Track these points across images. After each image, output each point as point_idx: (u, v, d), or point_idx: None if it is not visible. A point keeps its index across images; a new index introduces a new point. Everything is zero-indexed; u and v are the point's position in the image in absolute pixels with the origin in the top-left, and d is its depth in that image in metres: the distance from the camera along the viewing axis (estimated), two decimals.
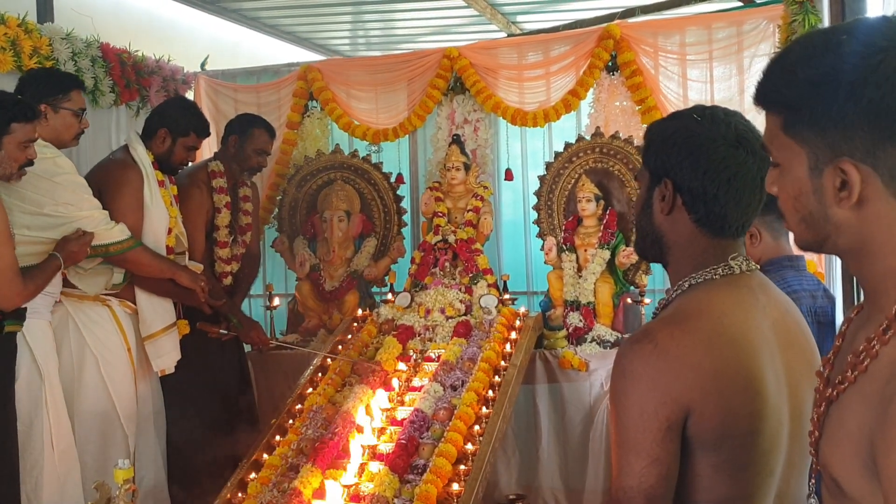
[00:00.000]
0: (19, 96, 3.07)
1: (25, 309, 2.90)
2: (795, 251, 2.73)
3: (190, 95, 4.90)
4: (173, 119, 3.55)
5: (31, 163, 2.85)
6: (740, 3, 4.71)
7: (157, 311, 3.47)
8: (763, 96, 1.06)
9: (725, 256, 1.46)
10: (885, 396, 0.90)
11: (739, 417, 1.33)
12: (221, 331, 3.73)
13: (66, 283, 3.21)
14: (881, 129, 0.94)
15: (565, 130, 4.66)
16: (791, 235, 1.41)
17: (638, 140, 4.24)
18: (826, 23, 3.83)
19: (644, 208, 1.53)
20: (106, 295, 3.35)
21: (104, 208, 3.23)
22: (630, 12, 4.67)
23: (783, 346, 1.41)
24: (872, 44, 0.95)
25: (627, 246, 4.11)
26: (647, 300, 4.05)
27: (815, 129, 0.98)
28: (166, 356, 3.49)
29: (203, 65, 5.13)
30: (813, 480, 1.09)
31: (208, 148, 4.01)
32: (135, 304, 3.43)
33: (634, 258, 4.09)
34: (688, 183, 1.45)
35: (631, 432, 1.33)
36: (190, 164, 3.75)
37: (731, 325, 1.37)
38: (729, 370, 1.34)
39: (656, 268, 4.27)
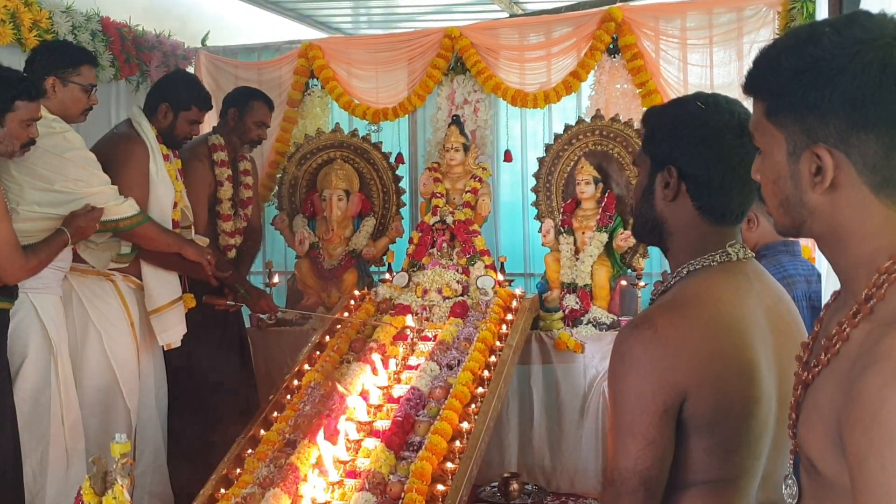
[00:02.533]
0: (34, 71, 3.07)
1: (16, 286, 2.89)
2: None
3: (190, 71, 4.89)
4: (174, 93, 3.54)
5: (32, 141, 2.83)
6: None
7: (162, 285, 3.48)
8: (750, 84, 1.10)
9: (724, 243, 1.48)
10: (850, 377, 0.93)
11: (734, 402, 1.36)
12: (228, 302, 3.76)
13: (76, 257, 3.22)
14: (855, 116, 0.98)
15: (565, 112, 4.67)
16: None
17: (638, 123, 4.25)
18: (824, 10, 3.83)
19: (645, 194, 1.54)
20: (111, 269, 3.36)
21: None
22: None
23: (775, 333, 1.44)
24: (852, 36, 0.99)
25: (625, 229, 4.13)
26: (643, 283, 4.08)
27: (794, 115, 1.03)
28: (172, 330, 3.51)
29: (204, 41, 5.12)
30: (791, 461, 1.13)
31: (208, 122, 4.02)
32: (140, 279, 3.44)
33: (632, 241, 4.11)
34: (694, 171, 1.47)
35: (628, 415, 1.36)
36: (192, 137, 3.75)
37: (728, 312, 1.40)
38: (725, 356, 1.38)
39: (653, 251, 4.30)
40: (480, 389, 3.25)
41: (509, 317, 3.80)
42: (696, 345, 1.36)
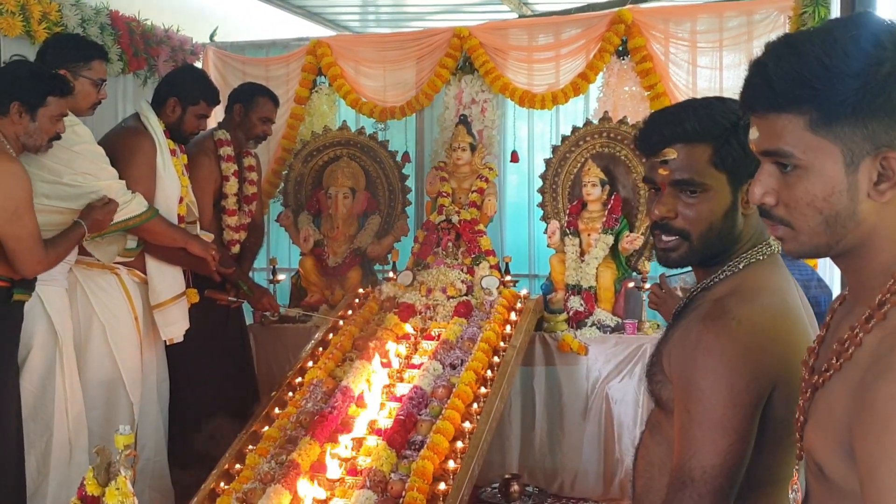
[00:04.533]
0: (45, 63, 3.09)
1: (35, 279, 2.92)
2: None
3: (198, 66, 4.89)
4: (183, 88, 3.54)
5: (58, 136, 2.89)
6: None
7: (166, 280, 3.49)
8: (773, 97, 0.99)
9: (763, 230, 1.45)
10: (863, 383, 0.93)
11: None
12: (230, 298, 3.76)
13: (81, 250, 3.22)
14: None
15: (573, 114, 4.66)
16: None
17: None
18: (835, 14, 3.82)
19: (728, 214, 1.44)
20: (116, 263, 3.37)
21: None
22: None
23: (810, 323, 1.45)
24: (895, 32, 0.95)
25: (631, 231, 4.12)
26: (648, 286, 4.07)
27: (852, 122, 0.95)
28: (175, 325, 3.51)
29: (212, 36, 5.12)
30: (797, 466, 1.12)
31: (214, 117, 4.02)
32: (144, 273, 3.45)
33: (638, 244, 4.10)
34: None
35: (719, 409, 1.29)
36: (200, 132, 3.76)
37: (791, 301, 1.39)
38: (801, 345, 1.33)
39: None
40: (483, 389, 3.25)
41: (513, 317, 3.79)
42: (778, 335, 1.33)
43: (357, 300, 4.13)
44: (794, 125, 0.98)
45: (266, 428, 3.24)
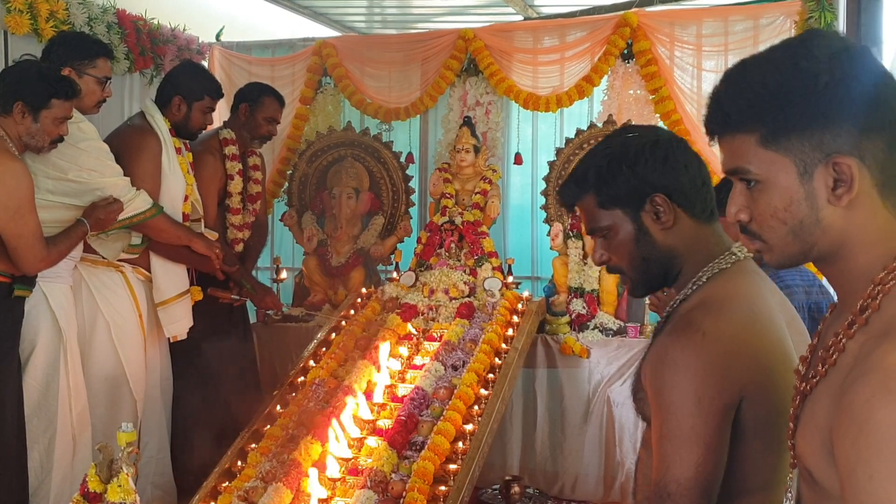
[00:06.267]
0: (50, 61, 3.10)
1: (35, 275, 2.93)
2: None
3: (204, 66, 4.91)
4: (186, 85, 3.56)
5: (61, 139, 2.90)
6: None
7: (170, 277, 3.50)
8: (727, 121, 1.06)
9: (722, 241, 1.51)
10: (843, 386, 0.94)
11: (787, 397, 1.33)
12: (233, 296, 3.77)
13: (86, 247, 3.24)
14: (863, 120, 0.98)
15: (577, 117, 4.66)
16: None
17: None
18: (842, 19, 3.83)
19: (639, 240, 1.52)
20: (120, 261, 3.38)
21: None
22: (648, 1, 4.66)
23: (789, 328, 1.46)
24: (831, 46, 1.00)
25: None
26: None
27: (801, 134, 1.00)
28: (179, 322, 3.52)
29: (218, 36, 5.13)
30: (791, 474, 1.12)
31: (219, 117, 4.04)
32: (148, 270, 3.46)
33: None
34: (676, 185, 1.49)
35: (687, 422, 1.32)
36: (207, 128, 3.77)
37: (761, 308, 1.42)
38: (772, 352, 1.39)
39: None
40: (484, 391, 3.25)
41: (515, 319, 3.80)
42: (746, 343, 1.36)
43: (360, 300, 4.14)
44: (748, 143, 1.04)
45: (268, 426, 3.25)
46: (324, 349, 3.75)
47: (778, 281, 2.74)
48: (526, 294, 4.07)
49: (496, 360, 3.46)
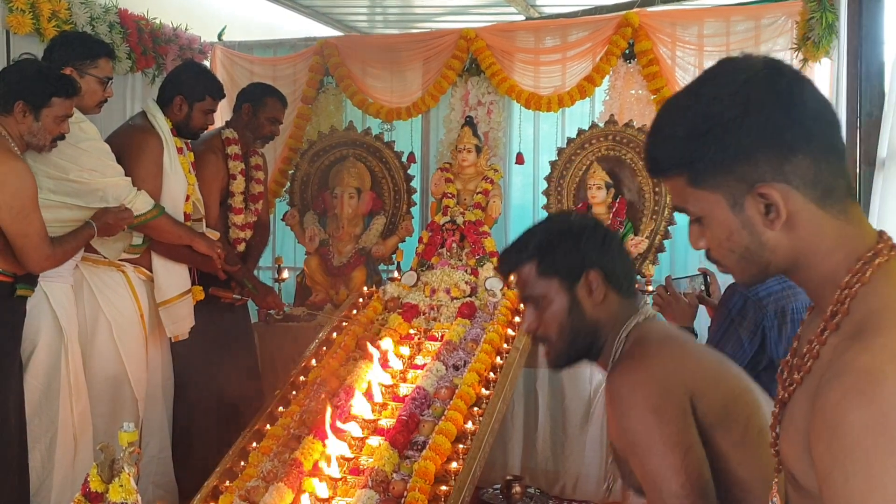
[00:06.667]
0: (52, 61, 3.10)
1: (38, 275, 2.93)
2: None
3: (206, 65, 4.91)
4: (187, 85, 3.56)
5: (62, 137, 2.90)
6: None
7: (172, 277, 3.50)
8: (658, 167, 1.10)
9: (637, 307, 1.68)
10: (816, 391, 0.95)
11: (738, 397, 1.49)
12: (235, 295, 3.77)
13: (88, 247, 3.24)
14: (778, 146, 1.00)
15: (578, 116, 4.66)
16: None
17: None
18: (843, 19, 3.82)
19: (572, 312, 1.65)
20: (122, 261, 3.38)
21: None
22: (649, 1, 4.66)
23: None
24: (735, 79, 1.02)
25: (635, 235, 4.12)
26: (651, 289, 4.07)
27: (722, 171, 1.03)
28: (180, 322, 3.53)
29: (220, 35, 5.14)
30: (775, 479, 1.14)
31: (220, 116, 4.04)
32: (150, 270, 3.46)
33: (642, 247, 4.10)
34: (611, 265, 1.66)
35: (656, 435, 1.41)
36: (208, 128, 3.77)
37: (678, 332, 1.66)
38: (714, 362, 1.56)
39: (663, 258, 4.29)
40: (486, 391, 3.25)
41: (517, 319, 3.79)
42: (683, 354, 1.54)
43: (361, 300, 4.14)
44: (680, 185, 1.08)
45: (269, 426, 3.25)
46: (325, 349, 3.75)
47: (781, 280, 2.75)
48: None
49: (497, 359, 3.46)
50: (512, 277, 1.77)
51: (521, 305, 1.81)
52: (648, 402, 1.43)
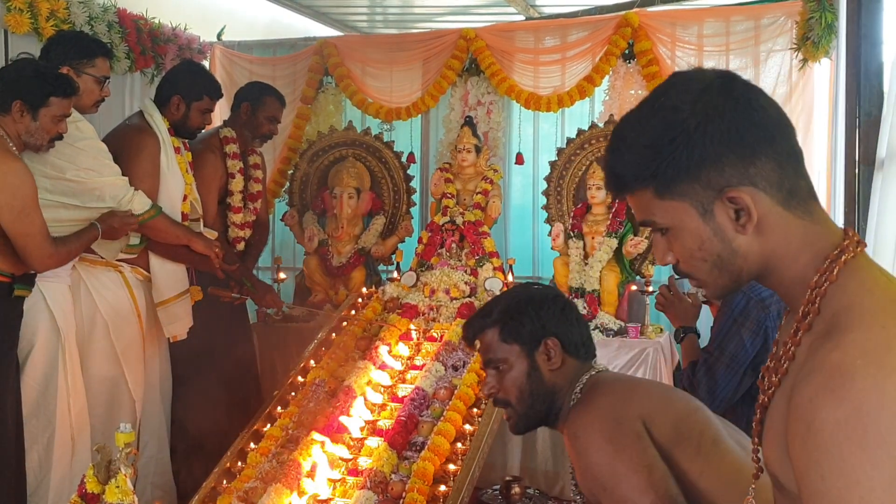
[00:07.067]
0: (49, 60, 3.10)
1: (34, 275, 2.93)
2: None
3: (205, 65, 4.90)
4: (185, 85, 3.55)
5: (60, 136, 2.90)
6: None
7: (170, 277, 3.50)
8: (622, 182, 1.09)
9: (578, 372, 1.79)
10: (791, 391, 0.96)
11: (687, 414, 1.62)
12: (234, 295, 3.77)
13: None
14: (741, 150, 1.01)
15: (578, 116, 4.66)
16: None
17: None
18: (842, 20, 3.82)
19: (531, 378, 1.78)
20: (119, 261, 3.38)
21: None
22: (649, 1, 4.65)
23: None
24: (691, 89, 1.03)
25: (636, 235, 4.12)
26: (652, 289, 4.07)
27: (688, 179, 1.03)
28: (178, 322, 3.52)
29: (220, 35, 5.13)
30: (754, 485, 1.15)
31: (219, 116, 4.03)
32: (147, 270, 3.45)
33: (642, 248, 4.10)
34: (568, 333, 1.79)
35: (618, 464, 1.51)
36: (205, 127, 3.76)
37: (633, 378, 1.92)
38: (659, 388, 1.79)
39: None
40: None
41: None
42: (631, 386, 1.72)
43: (360, 300, 4.14)
44: (646, 197, 1.08)
45: (268, 427, 3.25)
46: (324, 349, 3.74)
47: (754, 294, 2.75)
48: None
49: None
50: (476, 343, 1.88)
51: (483, 370, 1.94)
52: (604, 435, 1.54)
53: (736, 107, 1.01)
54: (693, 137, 1.01)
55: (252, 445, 3.14)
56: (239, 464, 3.07)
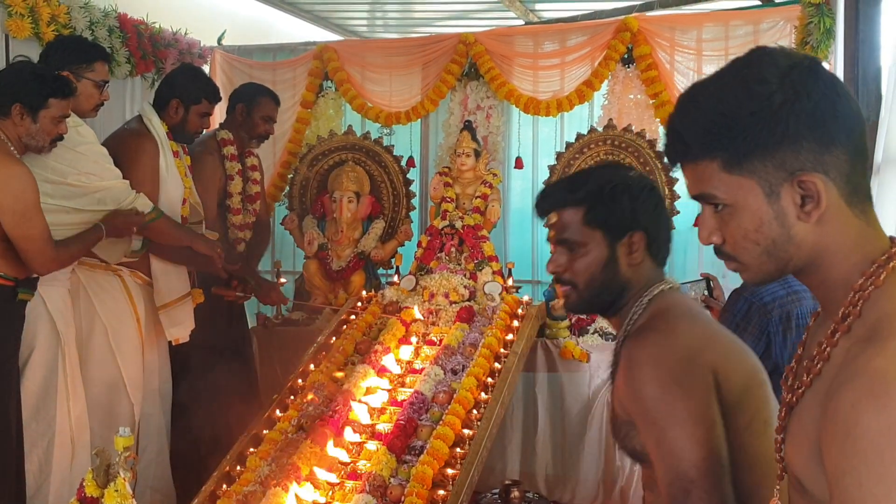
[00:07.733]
0: (48, 65, 3.11)
1: (37, 278, 2.94)
2: None
3: (206, 69, 4.92)
4: (183, 88, 3.56)
5: (61, 137, 2.90)
6: (759, 2, 4.70)
7: (172, 280, 3.50)
8: (687, 149, 1.06)
9: (662, 277, 1.66)
10: (829, 393, 0.94)
11: (753, 377, 1.49)
12: (238, 293, 3.78)
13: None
14: (821, 135, 0.98)
15: (577, 121, 4.66)
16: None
17: (651, 134, 4.25)
18: (840, 24, 3.83)
19: (608, 266, 1.62)
20: (118, 265, 3.38)
21: None
22: (648, 5, 4.67)
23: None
24: (780, 64, 1.00)
25: None
26: None
27: (763, 155, 1.00)
28: (180, 325, 3.52)
29: (220, 39, 5.14)
30: (777, 486, 1.13)
31: (217, 119, 4.05)
32: (147, 275, 3.46)
33: None
34: (657, 231, 1.64)
35: (680, 406, 1.38)
36: (204, 131, 3.78)
37: (700, 311, 1.66)
38: (728, 338, 1.55)
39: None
40: (484, 395, 3.25)
41: (515, 323, 3.79)
42: (709, 331, 1.52)
43: (360, 304, 4.14)
44: (711, 169, 1.04)
45: (267, 431, 3.25)
46: (323, 353, 3.74)
47: (786, 286, 2.74)
48: (526, 298, 4.07)
49: (496, 364, 3.46)
50: (551, 217, 1.71)
51: (549, 242, 1.75)
52: (674, 374, 1.40)
53: (824, 90, 0.98)
54: (778, 114, 0.98)
55: (251, 449, 3.14)
56: (238, 468, 3.07)
